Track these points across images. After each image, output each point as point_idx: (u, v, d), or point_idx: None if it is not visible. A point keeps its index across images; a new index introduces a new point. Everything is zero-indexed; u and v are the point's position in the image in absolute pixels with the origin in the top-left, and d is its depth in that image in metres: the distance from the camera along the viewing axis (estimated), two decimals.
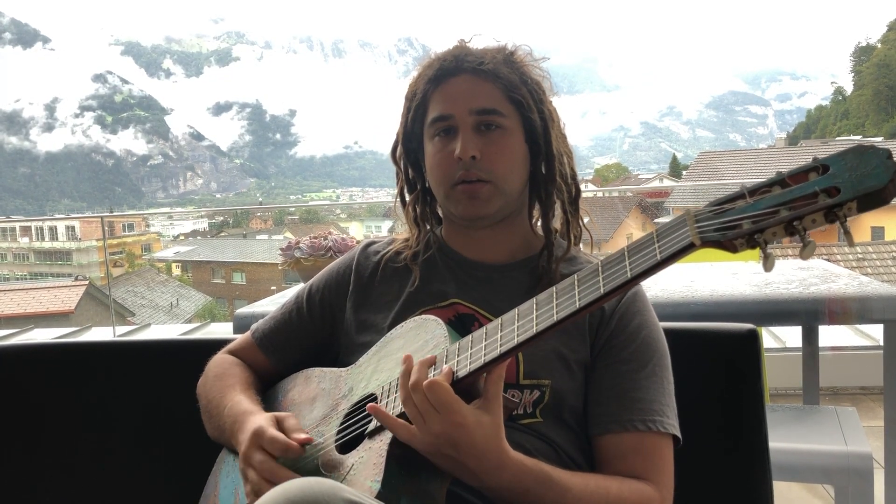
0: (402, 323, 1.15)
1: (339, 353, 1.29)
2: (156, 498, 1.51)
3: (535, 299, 0.96)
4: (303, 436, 1.07)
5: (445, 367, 0.97)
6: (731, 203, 0.81)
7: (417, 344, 1.08)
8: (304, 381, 1.27)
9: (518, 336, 0.93)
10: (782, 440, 1.90)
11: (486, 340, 0.97)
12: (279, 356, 1.35)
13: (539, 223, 1.25)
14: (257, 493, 1.04)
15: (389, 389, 1.06)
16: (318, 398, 1.20)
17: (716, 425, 1.28)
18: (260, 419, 1.11)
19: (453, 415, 0.92)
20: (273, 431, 1.07)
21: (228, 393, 1.26)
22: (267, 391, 1.33)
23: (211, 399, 1.28)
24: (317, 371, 1.26)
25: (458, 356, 0.98)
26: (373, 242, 1.38)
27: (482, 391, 0.96)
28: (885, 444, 2.08)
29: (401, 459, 0.98)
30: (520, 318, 0.96)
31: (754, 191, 0.80)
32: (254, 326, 1.39)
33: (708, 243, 0.80)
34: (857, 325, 4.16)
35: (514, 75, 1.19)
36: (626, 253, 0.88)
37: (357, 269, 1.33)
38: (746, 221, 0.78)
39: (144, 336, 5.94)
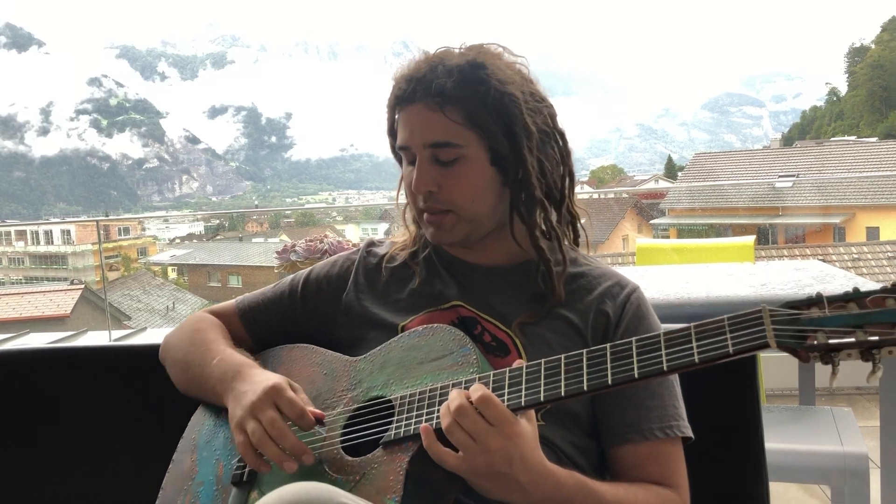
0: (420, 328, 1.14)
1: (333, 344, 1.27)
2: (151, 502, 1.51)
3: (585, 352, 0.95)
4: (318, 411, 1.06)
5: (479, 386, 0.95)
6: (807, 308, 0.81)
7: (441, 358, 1.07)
8: (300, 357, 1.25)
9: (565, 388, 0.93)
10: (779, 441, 1.90)
11: (525, 382, 0.96)
12: (258, 334, 1.34)
13: (527, 237, 1.22)
14: (257, 446, 1.03)
15: (407, 405, 1.03)
16: (318, 382, 1.18)
17: (712, 426, 1.28)
18: (275, 377, 1.10)
19: (511, 426, 0.92)
20: (292, 393, 1.06)
21: (214, 346, 1.24)
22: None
23: (190, 350, 1.27)
24: (316, 351, 1.24)
25: (493, 388, 0.97)
26: (374, 243, 1.38)
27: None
28: (881, 444, 2.09)
29: (416, 478, 0.97)
30: (567, 369, 0.94)
31: (831, 301, 0.80)
32: (240, 297, 1.38)
33: (783, 347, 0.80)
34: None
35: (471, 101, 1.12)
36: (692, 333, 0.87)
37: (358, 267, 1.33)
38: (822, 334, 0.78)
39: (141, 340, 5.91)
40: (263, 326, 1.34)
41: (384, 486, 0.97)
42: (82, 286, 20.49)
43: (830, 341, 0.78)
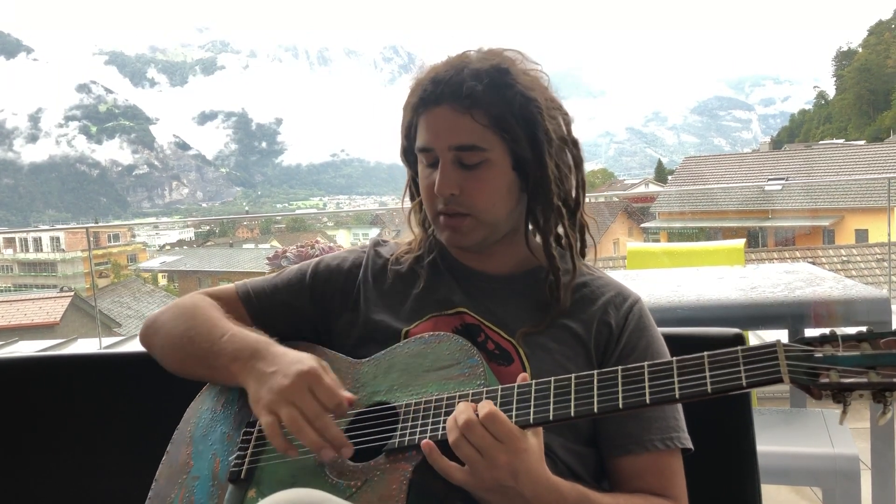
0: (426, 335, 1.14)
1: (333, 340, 1.26)
2: None
3: (595, 374, 0.95)
4: (350, 395, 1.03)
5: (487, 402, 0.96)
6: (820, 346, 0.82)
7: (447, 368, 1.07)
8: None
9: (575, 409, 0.93)
10: (770, 443, 1.91)
11: (535, 399, 0.96)
12: (262, 320, 1.28)
13: (538, 239, 1.22)
14: (295, 432, 1.00)
15: (412, 413, 1.03)
16: None
17: (703, 430, 1.28)
18: (306, 357, 1.06)
19: (518, 442, 0.92)
20: (330, 380, 1.03)
21: (221, 322, 1.19)
22: None
23: (192, 326, 1.20)
24: (317, 350, 1.21)
25: (501, 404, 0.97)
26: (380, 243, 1.36)
27: None
28: (871, 446, 2.10)
29: (419, 487, 0.97)
30: (577, 390, 0.95)
31: (845, 340, 0.81)
32: (238, 283, 1.32)
33: (796, 384, 0.81)
34: (843, 328, 4.18)
35: (497, 104, 1.12)
36: (706, 363, 0.88)
37: (367, 264, 1.31)
38: (834, 372, 0.79)
39: (131, 347, 5.89)
40: (268, 312, 1.29)
41: (387, 493, 0.97)
42: (72, 293, 20.38)
43: (843, 380, 0.78)
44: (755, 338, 4.30)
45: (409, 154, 1.25)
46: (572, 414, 0.93)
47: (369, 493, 0.98)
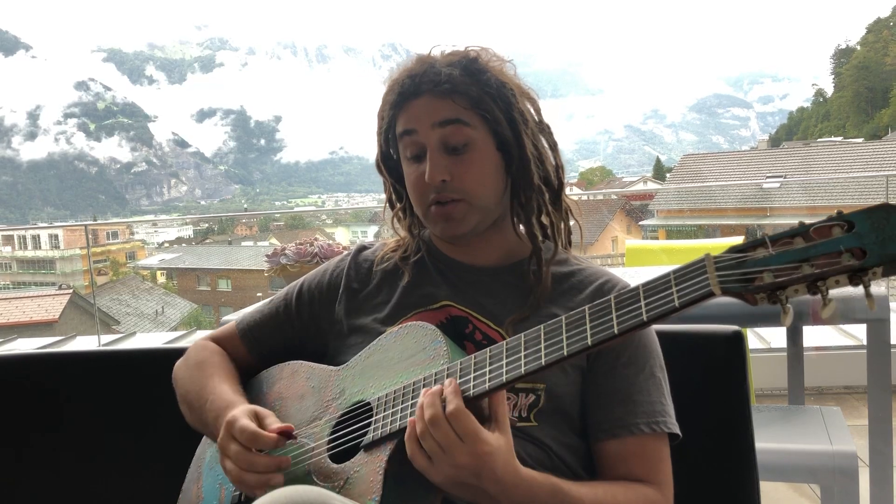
0: (395, 329, 1.14)
1: (328, 353, 1.28)
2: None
3: (542, 327, 0.95)
4: (279, 425, 1.07)
5: (451, 382, 0.96)
6: (752, 251, 0.78)
7: (414, 355, 1.07)
8: (290, 375, 1.25)
9: (525, 365, 0.93)
10: (768, 440, 1.91)
11: (489, 364, 0.96)
12: (260, 350, 1.34)
13: (523, 227, 1.23)
14: (240, 482, 1.06)
15: (385, 404, 1.04)
16: (307, 396, 1.19)
17: (702, 426, 1.29)
18: (236, 410, 1.11)
19: (480, 444, 0.92)
20: (244, 421, 1.07)
21: (209, 384, 1.25)
22: (248, 380, 1.32)
23: (190, 390, 1.27)
24: (304, 366, 1.24)
25: (460, 376, 0.97)
26: (365, 247, 1.37)
27: (489, 413, 0.96)
28: (869, 443, 2.10)
29: (397, 476, 0.98)
30: (526, 346, 0.94)
31: (776, 240, 0.77)
32: (239, 317, 1.39)
33: (728, 293, 0.78)
34: (841, 325, 4.19)
35: (475, 87, 1.15)
36: (641, 293, 0.87)
37: (349, 273, 1.32)
38: (768, 274, 0.76)
39: (130, 344, 5.90)
40: (264, 343, 1.34)
41: (365, 488, 0.98)
42: (70, 291, 20.38)
43: (776, 280, 0.75)
44: (754, 335, 4.31)
45: (387, 160, 1.27)
46: (523, 371, 0.93)
47: (351, 491, 0.99)
